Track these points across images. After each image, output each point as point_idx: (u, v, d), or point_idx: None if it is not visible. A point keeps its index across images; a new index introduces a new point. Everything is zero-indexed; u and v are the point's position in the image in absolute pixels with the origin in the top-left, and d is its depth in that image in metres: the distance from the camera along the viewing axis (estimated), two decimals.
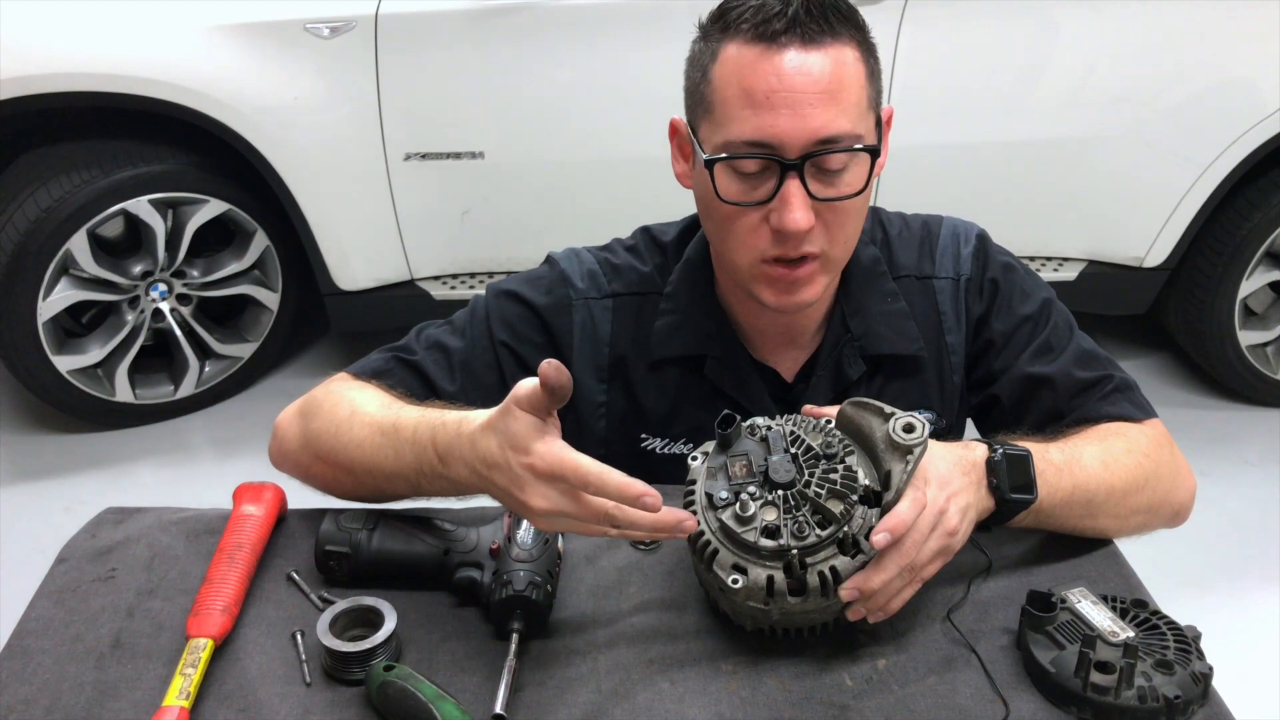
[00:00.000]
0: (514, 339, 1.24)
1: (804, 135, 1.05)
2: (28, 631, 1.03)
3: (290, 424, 1.20)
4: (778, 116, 1.05)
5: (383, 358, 1.24)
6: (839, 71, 1.06)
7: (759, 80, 1.05)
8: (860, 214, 1.15)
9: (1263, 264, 2.92)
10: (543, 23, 2.62)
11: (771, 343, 1.26)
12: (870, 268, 1.25)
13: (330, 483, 1.16)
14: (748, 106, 1.06)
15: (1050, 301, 1.28)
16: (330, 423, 1.13)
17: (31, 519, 2.58)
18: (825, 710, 0.95)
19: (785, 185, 1.07)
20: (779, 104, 1.05)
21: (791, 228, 1.07)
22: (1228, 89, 2.73)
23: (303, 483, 1.20)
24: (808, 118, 1.05)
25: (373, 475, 1.09)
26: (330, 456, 1.13)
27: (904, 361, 1.26)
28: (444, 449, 1.01)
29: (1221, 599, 2.39)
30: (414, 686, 0.91)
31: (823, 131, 1.06)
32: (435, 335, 1.26)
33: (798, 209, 1.07)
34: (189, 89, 2.55)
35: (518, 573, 1.01)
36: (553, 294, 1.25)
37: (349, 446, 1.10)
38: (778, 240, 1.10)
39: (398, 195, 2.76)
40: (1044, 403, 1.23)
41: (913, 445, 0.96)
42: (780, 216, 1.08)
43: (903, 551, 0.95)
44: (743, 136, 1.07)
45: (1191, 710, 0.94)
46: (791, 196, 1.07)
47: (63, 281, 2.70)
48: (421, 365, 1.23)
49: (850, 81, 1.07)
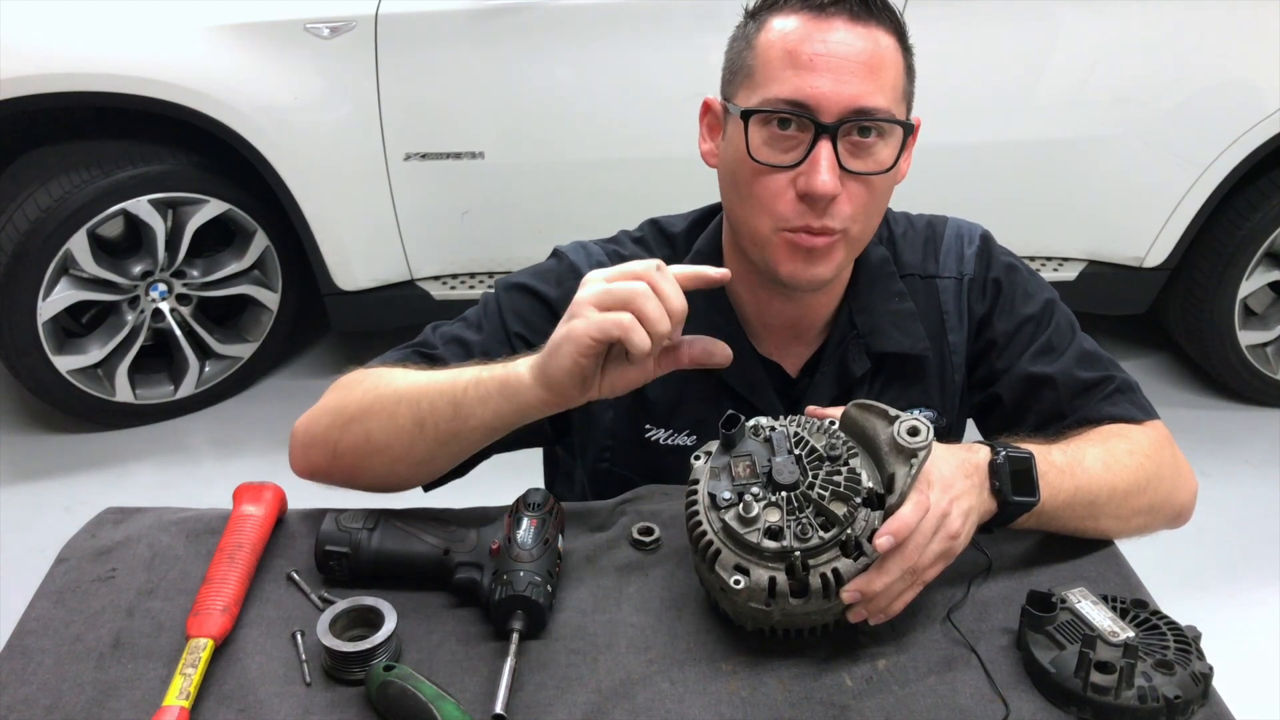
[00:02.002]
0: (528, 330, 1.24)
1: (842, 101, 1.07)
2: (28, 631, 1.03)
3: (312, 413, 1.18)
4: (820, 79, 1.07)
5: (402, 353, 1.24)
6: (881, 52, 1.09)
7: (805, 44, 1.08)
8: (885, 196, 1.16)
9: (1262, 264, 2.92)
10: (543, 23, 2.62)
11: (777, 337, 1.26)
12: (879, 267, 1.26)
13: (359, 444, 1.11)
14: (790, 67, 1.08)
15: (1053, 302, 1.28)
16: (366, 380, 1.14)
17: (31, 519, 2.58)
18: (825, 710, 0.95)
19: (817, 148, 1.08)
20: (821, 67, 1.07)
21: (820, 189, 1.08)
22: (1228, 89, 2.73)
23: (331, 471, 1.16)
24: (848, 84, 1.07)
25: (415, 407, 1.08)
26: (362, 408, 1.11)
27: (908, 360, 1.26)
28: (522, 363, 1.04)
29: (1221, 599, 2.39)
30: (414, 686, 0.91)
31: (860, 100, 1.07)
32: (452, 331, 1.26)
33: (826, 171, 1.08)
34: (189, 89, 2.55)
35: (518, 573, 1.01)
36: (563, 286, 1.25)
37: (395, 387, 1.10)
38: (801, 208, 1.11)
39: (398, 195, 2.76)
40: (1045, 402, 1.24)
41: (917, 449, 0.96)
42: (809, 179, 1.08)
43: (905, 554, 0.95)
44: (783, 94, 1.09)
45: (1191, 710, 0.94)
46: (822, 159, 1.08)
47: (63, 281, 2.70)
48: (443, 358, 1.22)
49: (890, 65, 1.10)
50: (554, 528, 1.07)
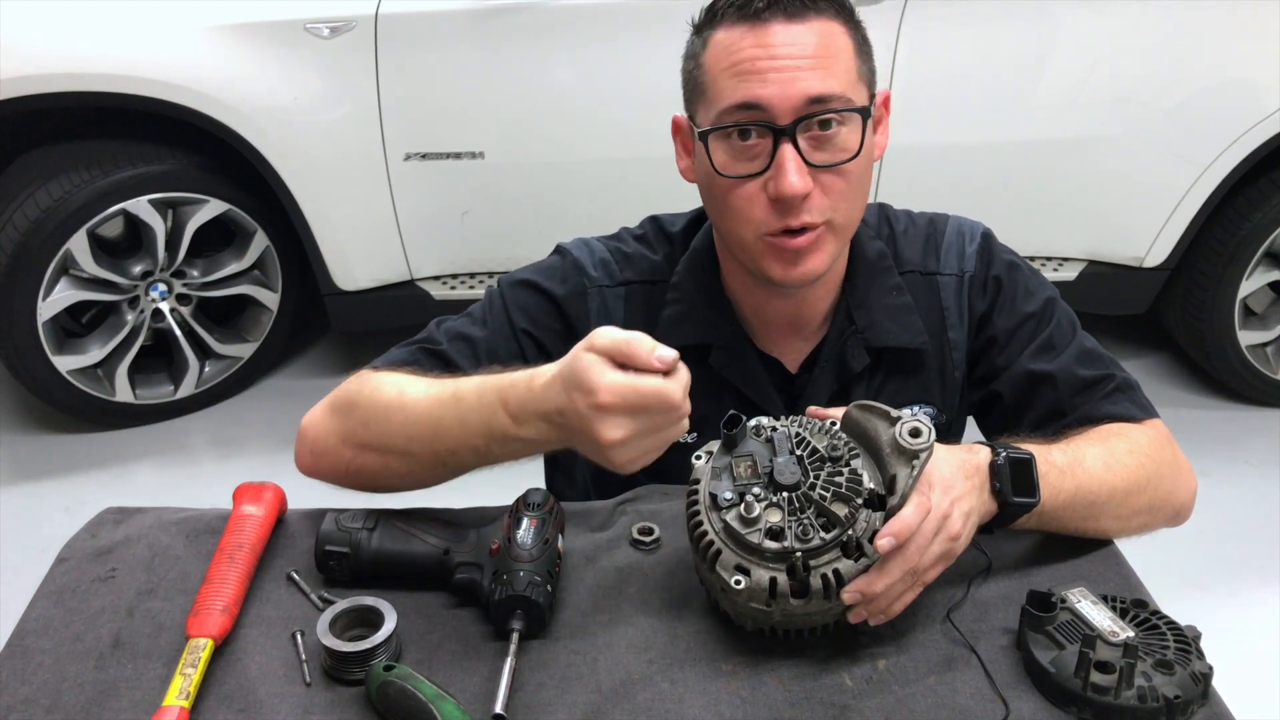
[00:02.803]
0: (535, 327, 1.25)
1: (792, 98, 1.07)
2: (28, 631, 1.03)
3: (321, 423, 1.17)
4: (765, 82, 1.08)
5: (407, 350, 1.23)
6: (825, 40, 1.09)
7: (747, 53, 1.08)
8: (863, 179, 1.15)
9: (1263, 264, 2.92)
10: (543, 23, 2.62)
11: (776, 333, 1.26)
12: (876, 262, 1.26)
13: (380, 472, 1.13)
14: (736, 77, 1.09)
15: (1053, 300, 1.28)
16: (376, 409, 1.11)
17: (31, 519, 2.58)
18: (825, 710, 0.95)
19: (779, 151, 1.08)
20: (765, 69, 1.08)
21: (788, 192, 1.08)
22: (1228, 89, 2.73)
23: (342, 483, 1.17)
24: (794, 81, 1.07)
25: (434, 450, 1.08)
26: (381, 442, 1.11)
27: (906, 355, 1.26)
28: (517, 407, 1.01)
29: (1221, 599, 2.39)
30: (414, 686, 0.91)
31: (810, 92, 1.08)
32: (456, 327, 1.26)
33: (793, 173, 1.08)
34: (189, 89, 2.55)
35: (518, 573, 1.01)
36: (568, 283, 1.26)
37: (405, 426, 1.09)
38: (777, 211, 1.11)
39: (398, 195, 2.76)
40: (1045, 400, 1.24)
41: (918, 450, 0.96)
42: (776, 183, 1.09)
43: (906, 556, 0.95)
44: (733, 102, 1.09)
45: (1191, 710, 0.94)
46: (786, 161, 1.08)
47: (63, 281, 2.70)
48: (448, 355, 1.22)
49: (837, 50, 1.10)
50: (554, 528, 1.07)
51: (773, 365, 1.27)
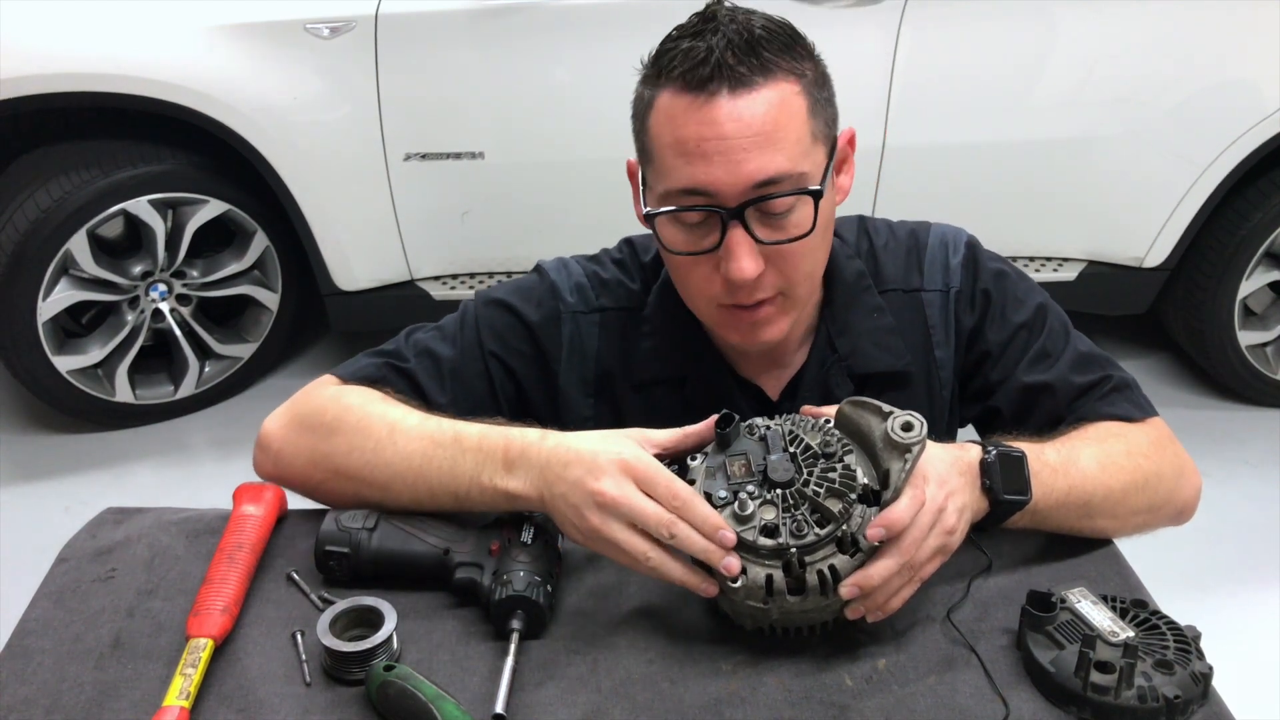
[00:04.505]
0: (503, 349, 1.24)
1: (740, 181, 1.04)
2: (28, 631, 1.03)
3: (288, 438, 1.15)
4: (711, 165, 1.04)
5: (374, 364, 1.22)
6: (772, 113, 1.04)
7: (689, 130, 1.04)
8: (816, 250, 1.13)
9: (1262, 264, 2.92)
10: (543, 23, 2.62)
11: (755, 363, 1.25)
12: (854, 283, 1.24)
13: (348, 499, 1.12)
14: (680, 156, 1.05)
15: (1044, 306, 1.26)
16: (364, 440, 1.10)
17: (31, 519, 2.58)
18: (825, 710, 0.95)
19: (729, 234, 1.06)
20: (711, 152, 1.03)
21: (738, 277, 1.07)
22: (1228, 89, 2.73)
23: (302, 494, 1.17)
24: (741, 163, 1.03)
25: (413, 489, 1.08)
26: (362, 474, 1.10)
27: (891, 377, 1.24)
28: (517, 453, 1.03)
29: (1221, 599, 2.39)
30: (414, 686, 0.91)
31: (758, 175, 1.04)
32: (425, 341, 1.24)
33: (743, 258, 1.06)
34: (189, 89, 2.55)
35: (518, 573, 1.01)
36: (543, 307, 1.24)
37: (393, 461, 1.08)
38: (730, 289, 1.10)
39: (398, 195, 2.76)
40: (1044, 410, 1.22)
41: (911, 444, 0.96)
42: (727, 267, 1.07)
43: (902, 549, 0.95)
44: (679, 185, 1.06)
45: (1191, 710, 0.94)
46: (736, 245, 1.06)
47: (63, 282, 2.70)
48: (414, 374, 1.21)
49: (788, 120, 1.05)
50: (554, 528, 1.07)
51: (752, 392, 1.25)
